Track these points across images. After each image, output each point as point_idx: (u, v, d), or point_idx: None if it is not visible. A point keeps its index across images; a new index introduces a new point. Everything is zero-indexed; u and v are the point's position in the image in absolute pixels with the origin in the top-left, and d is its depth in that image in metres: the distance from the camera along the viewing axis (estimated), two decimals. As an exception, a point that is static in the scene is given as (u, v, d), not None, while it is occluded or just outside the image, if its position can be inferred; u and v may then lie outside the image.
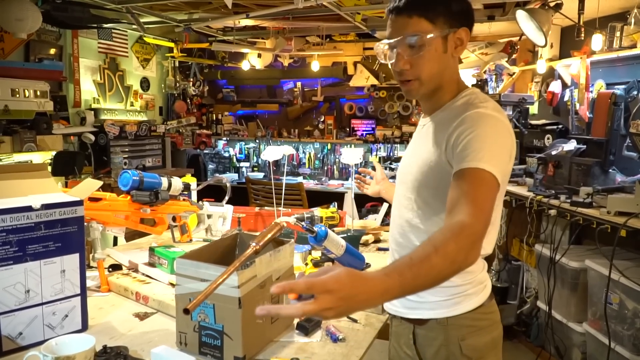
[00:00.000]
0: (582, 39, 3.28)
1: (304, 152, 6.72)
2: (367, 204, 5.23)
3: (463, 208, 1.09)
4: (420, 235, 1.35)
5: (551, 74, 4.23)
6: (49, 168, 4.08)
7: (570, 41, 3.83)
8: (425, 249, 1.02)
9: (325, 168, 6.62)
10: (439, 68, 1.31)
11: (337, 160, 6.56)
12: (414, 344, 1.38)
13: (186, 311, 1.17)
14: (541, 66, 4.09)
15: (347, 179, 6.39)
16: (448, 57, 1.31)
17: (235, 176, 6.79)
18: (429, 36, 1.26)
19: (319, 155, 6.67)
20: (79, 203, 1.47)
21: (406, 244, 1.40)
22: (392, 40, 1.30)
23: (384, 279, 0.95)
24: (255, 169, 6.90)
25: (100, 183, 1.88)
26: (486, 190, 1.14)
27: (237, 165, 6.98)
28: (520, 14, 3.24)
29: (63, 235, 1.43)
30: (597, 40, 3.28)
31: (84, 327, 1.51)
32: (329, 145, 6.58)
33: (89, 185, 1.85)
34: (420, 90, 1.34)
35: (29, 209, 1.36)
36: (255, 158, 6.97)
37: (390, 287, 0.95)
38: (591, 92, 3.62)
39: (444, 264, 1.01)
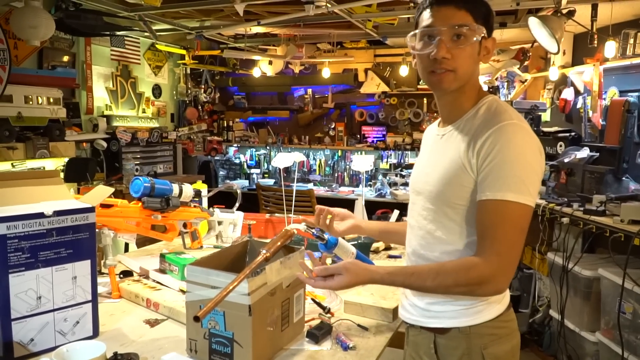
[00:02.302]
0: (595, 45, 3.26)
1: (314, 158, 6.72)
2: (377, 210, 5.21)
3: (483, 248, 1.24)
4: (445, 247, 1.34)
5: (564, 81, 4.21)
6: (62, 174, 4.11)
7: (583, 48, 3.80)
8: (430, 270, 1.28)
9: (336, 175, 6.61)
10: (473, 67, 1.33)
11: (347, 167, 6.56)
12: (435, 353, 1.36)
13: (196, 319, 1.17)
14: (553, 73, 4.07)
15: (357, 186, 6.38)
16: (477, 62, 1.33)
17: (246, 183, 6.80)
18: (474, 29, 1.28)
19: (329, 162, 6.67)
20: (91, 210, 1.48)
21: (429, 256, 1.37)
22: (436, 28, 1.29)
23: (375, 276, 1.32)
24: (266, 175, 6.91)
25: (111, 190, 1.89)
26: (510, 227, 1.22)
27: (248, 172, 7.00)
28: (533, 21, 3.22)
29: (75, 242, 1.44)
30: (610, 47, 3.25)
31: (95, 333, 1.51)
32: (339, 152, 6.57)
33: (100, 192, 1.86)
34: (453, 83, 1.32)
35: (41, 215, 1.37)
36: (265, 165, 6.99)
37: (378, 281, 1.32)
38: (604, 99, 3.60)
39: (436, 289, 1.28)
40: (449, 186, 1.30)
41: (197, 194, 2.20)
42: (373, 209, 5.21)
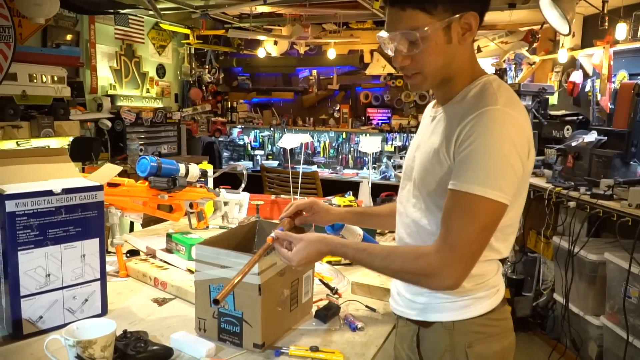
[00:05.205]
0: (606, 28, 3.22)
1: (318, 140, 6.70)
2: (382, 193, 5.20)
3: (439, 239, 1.15)
4: (429, 237, 1.23)
5: (572, 64, 4.16)
6: (67, 153, 4.10)
7: (593, 30, 3.75)
8: (382, 251, 1.24)
9: (340, 157, 6.59)
10: (443, 61, 1.19)
11: (352, 149, 6.54)
12: (417, 347, 1.30)
13: (216, 302, 1.17)
14: (562, 56, 4.02)
15: (362, 168, 6.36)
16: (454, 47, 1.19)
17: (249, 164, 6.79)
18: (424, 29, 1.14)
19: (333, 144, 6.65)
20: (99, 188, 1.47)
21: (414, 245, 1.30)
22: (388, 35, 1.20)
23: (329, 244, 1.29)
24: (270, 157, 6.90)
25: (120, 168, 1.88)
26: (471, 222, 1.11)
27: (252, 153, 6.99)
28: (544, 2, 3.17)
29: (83, 220, 1.43)
30: (621, 30, 3.21)
31: (104, 311, 1.51)
32: (344, 134, 6.55)
33: (108, 171, 1.85)
34: (424, 84, 1.24)
35: (49, 193, 1.36)
36: (270, 146, 6.97)
37: (332, 249, 1.29)
38: (613, 82, 3.56)
39: (383, 270, 1.25)
40: (430, 174, 1.23)
41: (203, 174, 2.19)
42: (377, 191, 5.19)
